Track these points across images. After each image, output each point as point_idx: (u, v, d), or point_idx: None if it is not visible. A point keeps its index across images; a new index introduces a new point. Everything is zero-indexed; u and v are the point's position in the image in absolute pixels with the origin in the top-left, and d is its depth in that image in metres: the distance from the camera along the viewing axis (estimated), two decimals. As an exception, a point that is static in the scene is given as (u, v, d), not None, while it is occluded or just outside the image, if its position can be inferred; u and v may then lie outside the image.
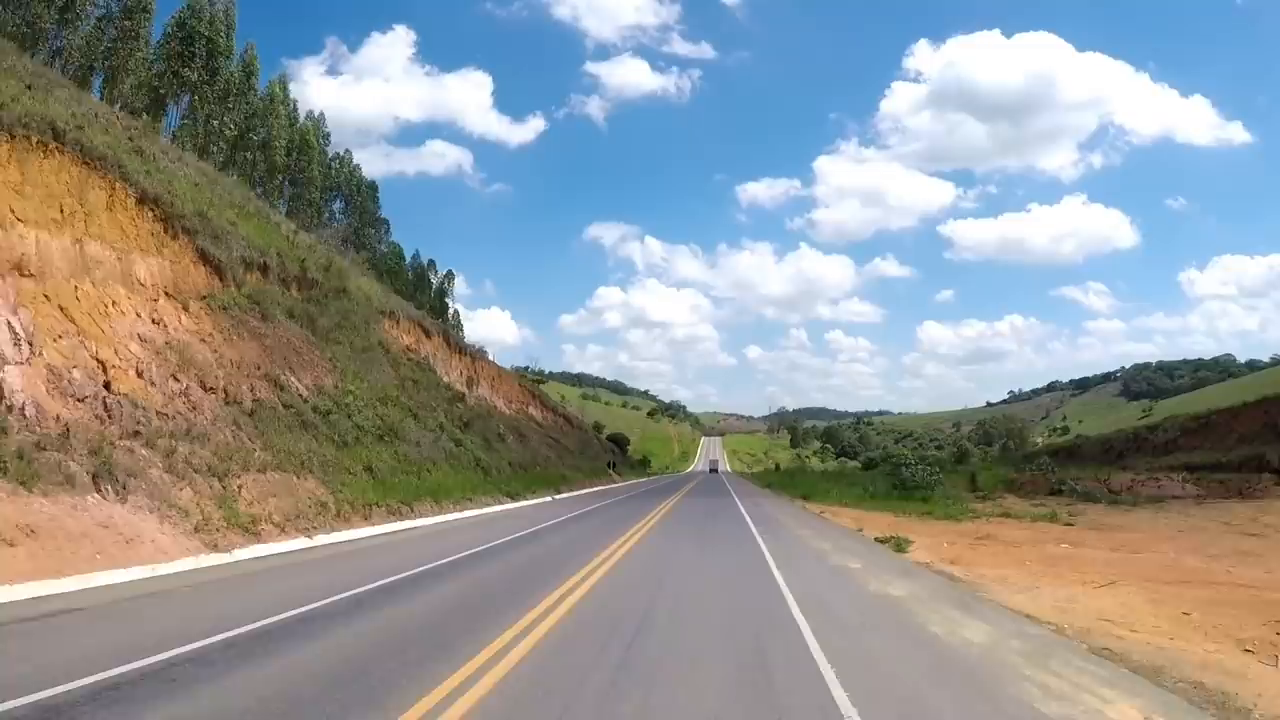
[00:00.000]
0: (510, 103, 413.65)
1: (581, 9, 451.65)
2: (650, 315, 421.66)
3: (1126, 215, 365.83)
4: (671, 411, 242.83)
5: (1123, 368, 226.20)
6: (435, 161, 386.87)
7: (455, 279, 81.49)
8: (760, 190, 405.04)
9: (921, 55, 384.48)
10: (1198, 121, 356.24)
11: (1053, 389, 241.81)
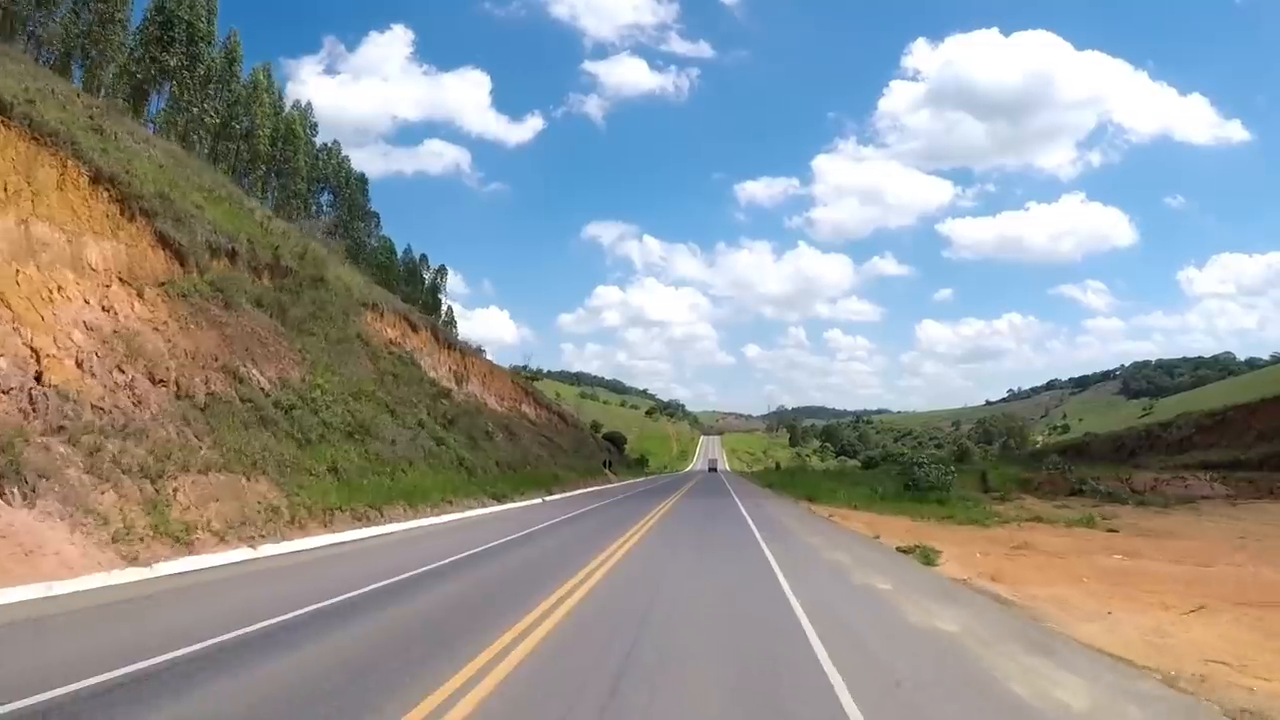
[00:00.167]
0: (508, 102, 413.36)
1: (580, 8, 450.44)
2: (649, 314, 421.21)
3: (1125, 214, 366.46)
4: (670, 410, 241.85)
5: (1122, 366, 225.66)
6: (433, 161, 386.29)
7: (448, 274, 79.66)
8: (759, 189, 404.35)
9: (920, 54, 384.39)
10: (1196, 120, 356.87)
11: (1052, 387, 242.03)
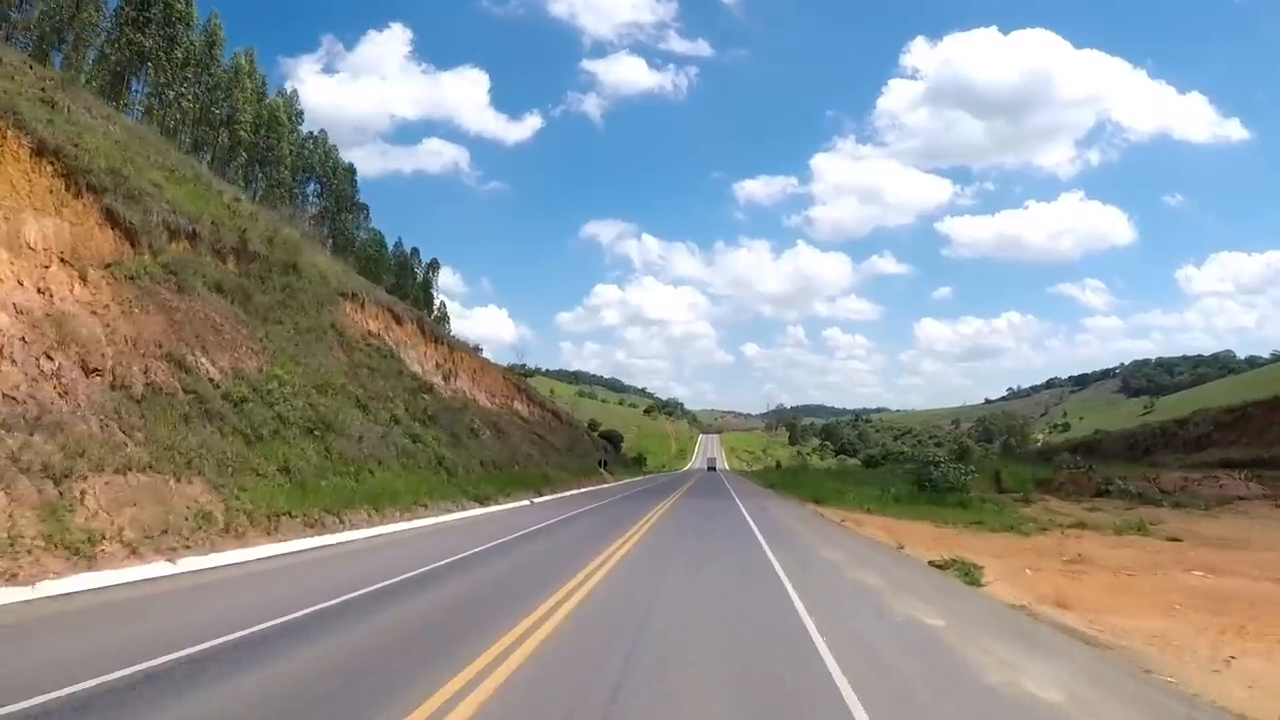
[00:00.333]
0: (507, 100, 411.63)
1: (578, 6, 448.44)
2: (647, 313, 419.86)
3: (1124, 212, 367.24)
4: (669, 409, 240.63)
5: (1122, 364, 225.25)
6: (432, 160, 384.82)
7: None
8: (757, 188, 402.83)
9: (918, 52, 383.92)
10: (1195, 118, 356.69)
11: (1052, 386, 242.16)
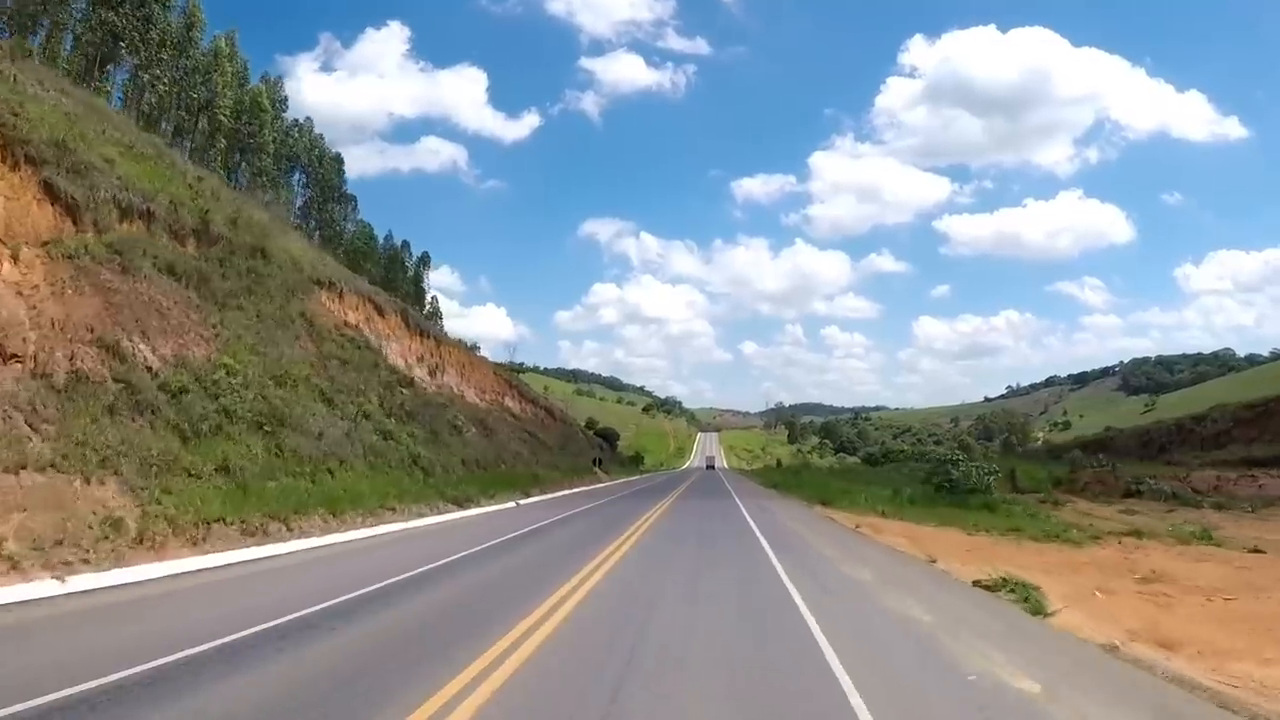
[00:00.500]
0: (505, 99, 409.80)
1: (576, 4, 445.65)
2: (646, 311, 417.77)
3: (1122, 210, 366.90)
4: (667, 407, 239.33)
5: (1121, 362, 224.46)
6: (430, 158, 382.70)
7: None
8: (756, 186, 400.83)
9: (917, 50, 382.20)
10: (1194, 117, 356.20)
11: (1051, 384, 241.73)
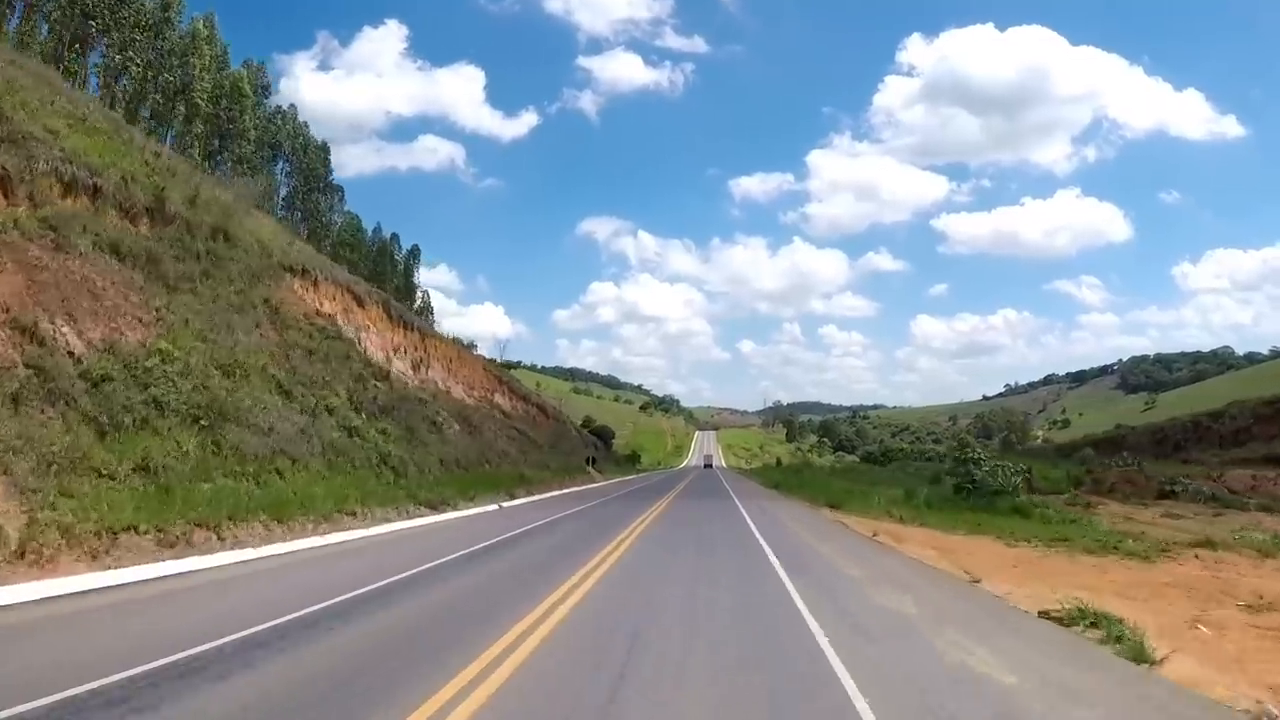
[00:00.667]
0: (503, 97, 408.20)
1: (574, 3, 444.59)
2: (643, 310, 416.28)
3: (1120, 209, 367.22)
4: (664, 406, 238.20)
5: (1120, 360, 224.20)
6: (427, 157, 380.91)
7: (421, 255, 73.97)
8: (753, 185, 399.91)
9: (915, 49, 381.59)
10: (1192, 115, 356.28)
11: (1049, 382, 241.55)
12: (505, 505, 22.50)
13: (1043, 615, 7.08)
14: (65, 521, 9.21)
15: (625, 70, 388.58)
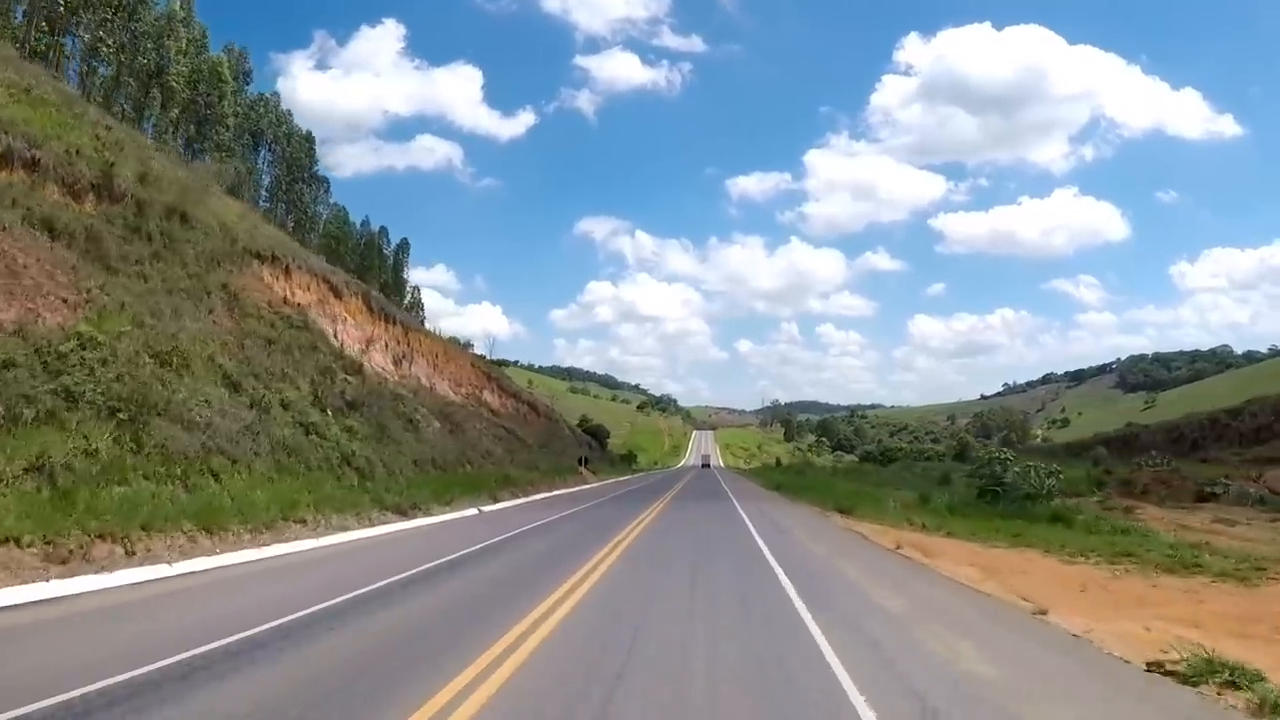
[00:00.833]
0: (500, 97, 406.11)
1: (571, 2, 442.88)
2: (641, 309, 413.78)
3: (1117, 208, 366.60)
4: (662, 405, 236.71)
5: (1118, 359, 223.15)
6: (425, 156, 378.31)
7: (410, 249, 72.07)
8: (751, 184, 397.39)
9: (912, 48, 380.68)
10: (1189, 114, 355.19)
11: (1048, 381, 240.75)
12: (486, 509, 20.71)
13: (1153, 668, 5.32)
14: (-86, 536, 7.43)
15: (623, 70, 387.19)
